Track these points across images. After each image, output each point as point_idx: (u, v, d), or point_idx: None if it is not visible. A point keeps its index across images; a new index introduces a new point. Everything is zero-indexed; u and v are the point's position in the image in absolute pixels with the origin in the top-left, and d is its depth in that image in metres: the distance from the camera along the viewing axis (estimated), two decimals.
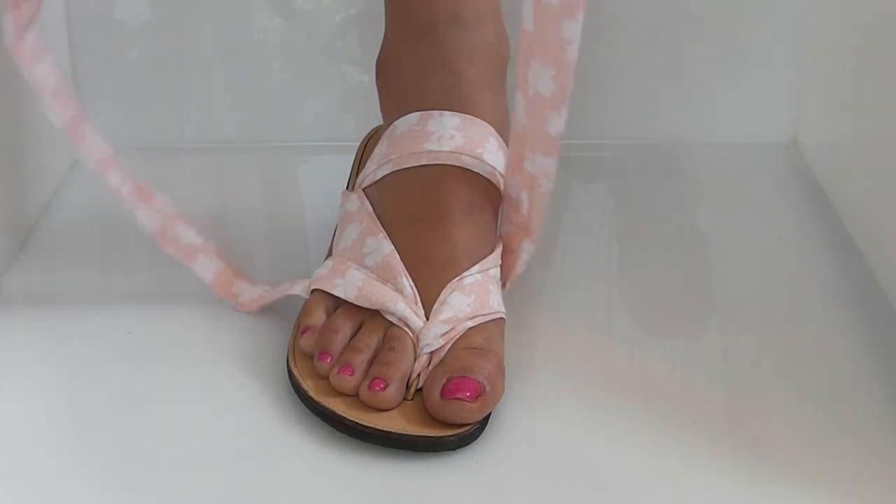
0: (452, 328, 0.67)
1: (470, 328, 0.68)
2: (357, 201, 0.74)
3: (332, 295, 0.70)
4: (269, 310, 0.75)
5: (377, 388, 0.65)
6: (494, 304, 0.70)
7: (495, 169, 0.73)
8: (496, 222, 0.74)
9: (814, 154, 0.97)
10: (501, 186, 0.73)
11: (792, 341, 0.73)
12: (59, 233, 0.88)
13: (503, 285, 0.72)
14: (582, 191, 0.95)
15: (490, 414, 0.66)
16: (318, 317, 0.69)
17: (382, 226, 0.72)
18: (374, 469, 0.63)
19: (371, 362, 0.67)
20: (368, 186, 0.75)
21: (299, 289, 0.72)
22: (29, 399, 0.69)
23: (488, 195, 0.73)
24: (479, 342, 0.67)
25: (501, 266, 0.72)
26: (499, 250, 0.72)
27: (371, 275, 0.70)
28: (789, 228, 0.86)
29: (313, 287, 0.71)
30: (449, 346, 0.67)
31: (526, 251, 0.72)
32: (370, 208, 0.73)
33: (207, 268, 0.75)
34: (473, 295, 0.69)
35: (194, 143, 0.98)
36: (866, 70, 0.85)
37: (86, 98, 0.99)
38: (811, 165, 0.96)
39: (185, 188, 0.94)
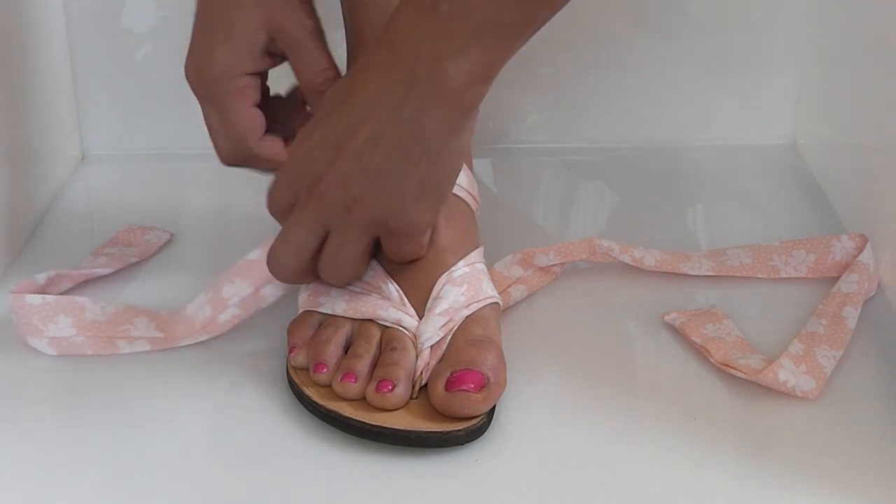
0: (450, 319, 0.68)
1: (468, 318, 0.68)
2: None
3: (317, 313, 0.70)
4: (270, 312, 0.75)
5: (385, 390, 0.65)
6: (488, 289, 0.71)
7: (460, 185, 0.75)
8: (475, 229, 0.75)
9: (813, 156, 0.97)
10: (469, 201, 0.76)
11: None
12: (61, 234, 0.88)
13: None
14: (583, 193, 0.95)
15: (495, 408, 0.66)
16: (304, 334, 0.69)
17: None
18: (383, 468, 0.63)
19: (372, 367, 0.67)
20: None
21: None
22: (27, 398, 0.69)
23: (460, 206, 0.75)
24: (479, 333, 0.68)
25: None
26: (481, 249, 0.73)
27: (355, 288, 0.70)
28: (789, 230, 0.86)
29: (300, 310, 0.71)
30: (449, 337, 0.67)
31: None
32: None
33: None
34: (465, 284, 0.70)
35: (197, 150, 0.98)
36: (865, 73, 0.85)
37: (88, 105, 1.00)
38: (811, 167, 0.96)
39: (188, 194, 0.94)
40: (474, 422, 0.64)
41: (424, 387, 0.66)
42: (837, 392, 0.68)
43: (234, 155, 0.72)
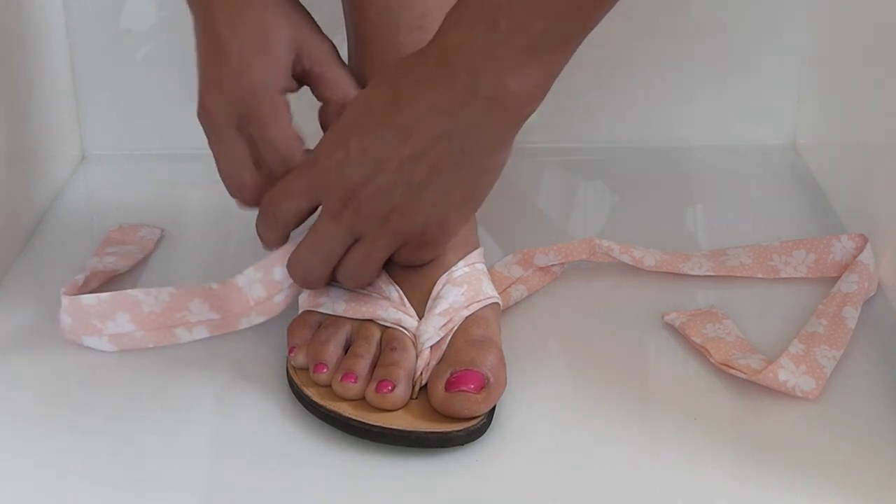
0: (450, 319, 0.68)
1: (468, 318, 0.68)
2: None
3: (317, 313, 0.70)
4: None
5: (385, 391, 0.65)
6: (488, 290, 0.71)
7: None
8: (475, 229, 0.75)
9: (813, 156, 0.97)
10: None
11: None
12: (61, 234, 0.88)
13: None
14: (583, 193, 0.95)
15: (495, 408, 0.66)
16: (304, 334, 0.69)
17: None
18: (383, 468, 0.63)
19: (372, 367, 0.67)
20: None
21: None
22: (28, 398, 0.69)
23: None
24: (479, 333, 0.68)
25: None
26: (481, 249, 0.73)
27: (355, 288, 0.70)
28: (789, 230, 0.86)
29: (300, 310, 0.71)
30: (449, 337, 0.68)
31: None
32: None
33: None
34: (465, 285, 0.70)
35: (197, 150, 0.98)
36: (865, 73, 0.85)
37: (88, 105, 1.00)
38: (810, 167, 0.96)
39: (188, 194, 0.94)
40: (474, 422, 0.64)
41: (424, 387, 0.66)
42: (837, 392, 0.68)
43: (266, 189, 0.69)
